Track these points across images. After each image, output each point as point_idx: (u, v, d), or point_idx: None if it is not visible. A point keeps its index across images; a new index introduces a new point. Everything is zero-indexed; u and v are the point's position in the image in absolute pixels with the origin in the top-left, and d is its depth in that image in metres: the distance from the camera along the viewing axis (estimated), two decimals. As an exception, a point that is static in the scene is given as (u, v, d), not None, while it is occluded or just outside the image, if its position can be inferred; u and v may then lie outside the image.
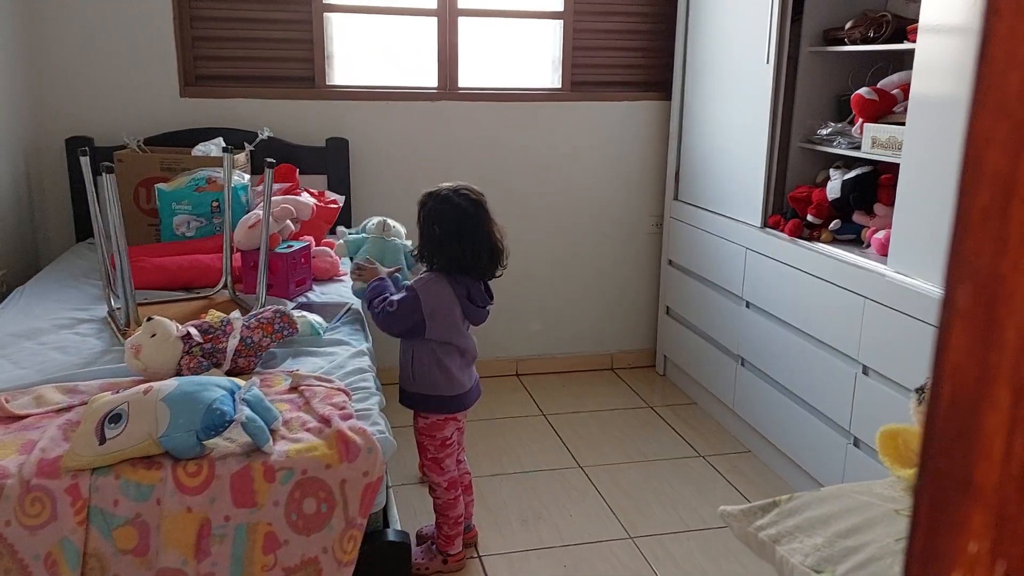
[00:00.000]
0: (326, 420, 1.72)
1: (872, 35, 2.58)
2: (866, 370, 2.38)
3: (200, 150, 3.01)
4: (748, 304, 3.02)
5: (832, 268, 2.52)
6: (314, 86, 3.37)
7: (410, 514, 2.53)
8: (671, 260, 3.66)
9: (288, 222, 2.63)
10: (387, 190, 3.43)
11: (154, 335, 1.89)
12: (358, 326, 2.37)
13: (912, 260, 2.23)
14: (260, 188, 2.75)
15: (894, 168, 2.41)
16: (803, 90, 2.86)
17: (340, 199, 3.07)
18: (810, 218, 2.74)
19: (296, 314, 2.14)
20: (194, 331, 1.95)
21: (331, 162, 3.33)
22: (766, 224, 2.93)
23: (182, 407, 1.57)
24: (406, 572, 1.78)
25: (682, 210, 3.53)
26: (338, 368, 2.04)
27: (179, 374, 1.88)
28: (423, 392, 2.18)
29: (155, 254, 2.69)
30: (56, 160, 3.17)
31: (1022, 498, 0.34)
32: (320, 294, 2.61)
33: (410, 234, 2.29)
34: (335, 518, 1.62)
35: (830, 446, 2.54)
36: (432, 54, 3.48)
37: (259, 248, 2.40)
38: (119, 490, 1.54)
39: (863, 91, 2.58)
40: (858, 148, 2.59)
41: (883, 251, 2.41)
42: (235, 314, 2.09)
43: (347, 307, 2.46)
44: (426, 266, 2.16)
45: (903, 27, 2.50)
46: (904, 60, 2.70)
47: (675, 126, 3.56)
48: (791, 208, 2.85)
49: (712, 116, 3.26)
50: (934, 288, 2.14)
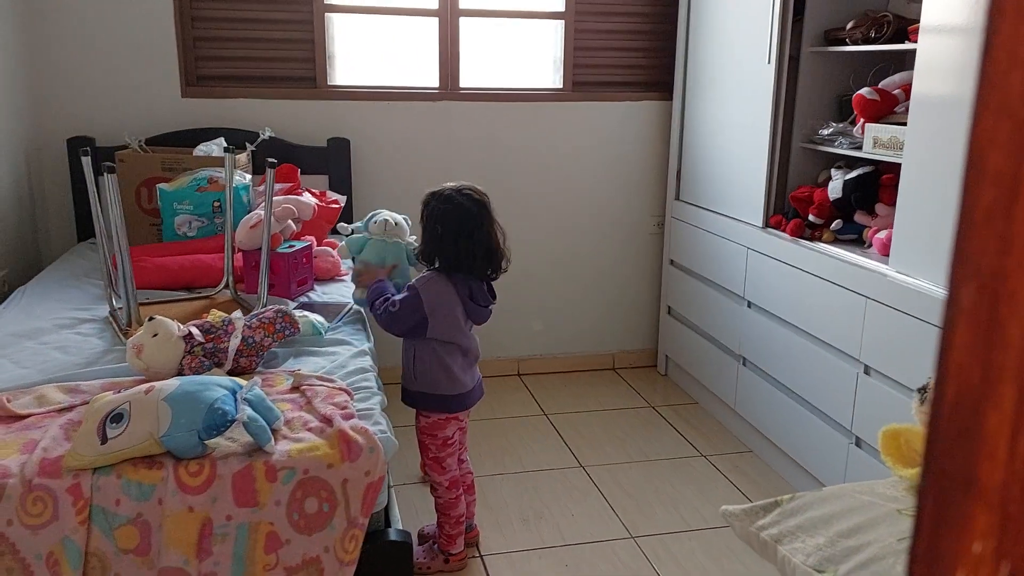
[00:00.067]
0: (328, 420, 1.72)
1: (873, 35, 2.57)
2: (868, 370, 2.38)
3: (201, 150, 3.02)
4: (750, 304, 3.02)
5: (834, 268, 2.52)
6: (315, 86, 3.37)
7: (412, 513, 2.53)
8: (672, 260, 3.66)
9: (290, 222, 2.63)
10: (388, 190, 3.43)
11: (156, 335, 1.89)
12: (360, 326, 2.37)
13: (914, 260, 2.23)
14: (261, 188, 2.75)
15: (895, 168, 2.41)
16: (804, 90, 2.86)
17: (341, 199, 3.07)
18: (812, 218, 2.74)
19: (298, 314, 2.15)
20: (196, 331, 1.95)
21: (332, 162, 3.33)
22: (767, 224, 2.92)
23: (184, 407, 1.57)
24: (408, 571, 1.78)
25: (683, 210, 3.53)
26: (340, 368, 2.04)
27: (181, 374, 1.88)
28: (424, 391, 2.18)
29: (157, 254, 2.70)
30: (58, 160, 3.17)
31: (1026, 497, 0.34)
32: (322, 294, 2.62)
33: (414, 230, 2.29)
34: (337, 518, 1.63)
35: (832, 446, 2.54)
36: (433, 54, 3.48)
37: (260, 248, 2.40)
38: (121, 490, 1.55)
39: (864, 91, 2.58)
40: (859, 148, 2.59)
41: (885, 251, 2.41)
42: (237, 314, 2.09)
43: (349, 307, 2.46)
44: (428, 265, 2.17)
45: (904, 27, 2.50)
46: (905, 60, 2.70)
47: (676, 126, 3.56)
48: (792, 208, 2.85)
49: (713, 116, 3.26)
50: (936, 288, 2.14)
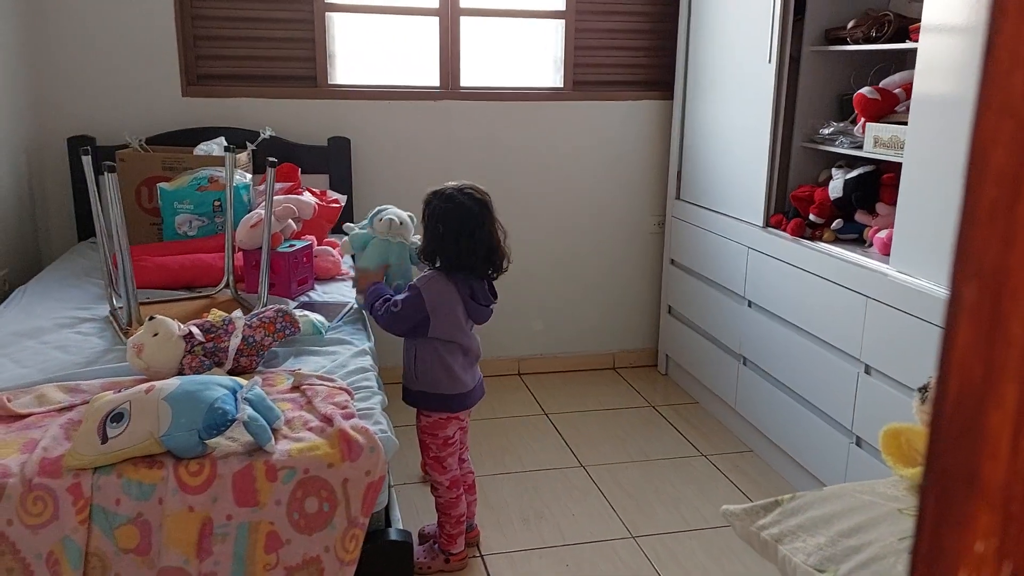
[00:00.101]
0: (328, 419, 1.72)
1: (874, 34, 2.57)
2: (868, 369, 2.38)
3: (202, 149, 3.02)
4: (750, 303, 3.02)
5: (834, 267, 2.52)
6: (316, 85, 3.37)
7: (412, 513, 2.53)
8: (673, 259, 3.66)
9: (290, 221, 2.63)
10: (389, 189, 3.43)
11: (156, 334, 1.89)
12: (360, 325, 2.37)
13: (914, 259, 2.23)
14: (262, 187, 2.75)
15: (896, 167, 2.41)
16: (805, 89, 2.86)
17: (342, 198, 3.07)
18: (812, 217, 2.74)
19: (298, 313, 2.15)
20: (196, 330, 1.95)
21: (333, 161, 3.33)
22: (768, 223, 2.92)
23: (184, 406, 1.57)
24: (408, 571, 1.78)
25: (684, 209, 3.53)
26: (340, 367, 2.04)
27: (181, 373, 1.88)
28: (425, 390, 2.18)
29: (157, 253, 2.70)
30: (58, 159, 3.17)
31: (1029, 496, 0.34)
32: (322, 293, 2.61)
33: (417, 228, 2.29)
34: (337, 517, 1.62)
35: (832, 445, 2.54)
36: (434, 53, 3.47)
37: (261, 247, 2.40)
38: (121, 489, 1.54)
39: (865, 90, 2.58)
40: (860, 147, 2.59)
41: (885, 250, 2.41)
42: (237, 313, 2.09)
43: (349, 306, 2.46)
44: (429, 264, 2.17)
45: (905, 26, 2.49)
46: (906, 59, 2.70)
47: (677, 125, 3.56)
48: (793, 207, 2.85)
49: (714, 115, 3.26)
50: (936, 287, 2.13)
